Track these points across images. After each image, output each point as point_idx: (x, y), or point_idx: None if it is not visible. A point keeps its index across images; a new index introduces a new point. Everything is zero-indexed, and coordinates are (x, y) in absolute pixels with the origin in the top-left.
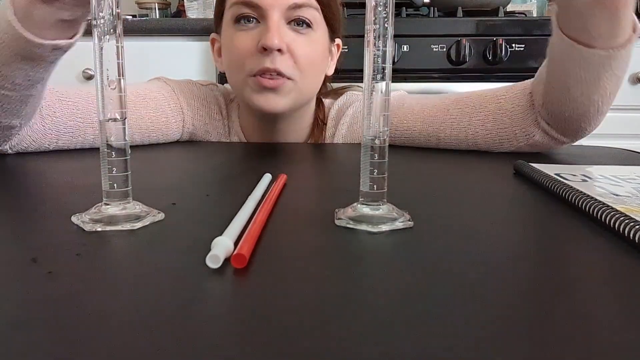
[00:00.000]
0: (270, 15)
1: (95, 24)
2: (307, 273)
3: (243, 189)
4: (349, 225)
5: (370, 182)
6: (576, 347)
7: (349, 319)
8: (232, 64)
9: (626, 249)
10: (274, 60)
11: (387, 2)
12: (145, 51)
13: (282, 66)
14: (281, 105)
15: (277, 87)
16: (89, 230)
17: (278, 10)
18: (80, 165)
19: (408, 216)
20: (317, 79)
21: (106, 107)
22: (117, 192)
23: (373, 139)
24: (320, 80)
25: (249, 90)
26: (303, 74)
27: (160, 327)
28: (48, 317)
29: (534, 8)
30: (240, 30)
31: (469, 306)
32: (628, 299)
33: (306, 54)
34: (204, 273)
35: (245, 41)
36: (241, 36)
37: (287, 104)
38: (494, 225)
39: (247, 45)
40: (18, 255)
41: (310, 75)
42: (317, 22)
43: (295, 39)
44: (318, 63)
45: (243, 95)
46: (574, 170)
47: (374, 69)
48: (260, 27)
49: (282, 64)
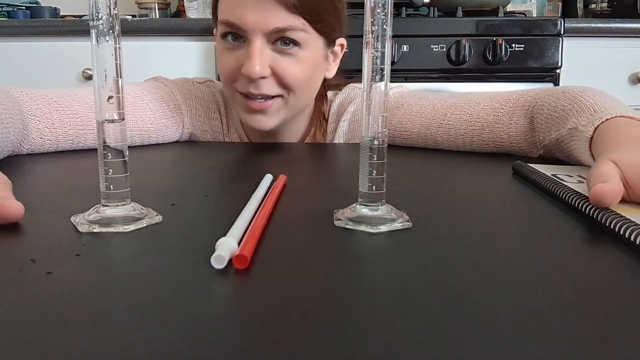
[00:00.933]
0: (252, 39)
1: (93, 25)
2: (307, 274)
3: (242, 189)
4: (348, 226)
5: (369, 183)
6: (576, 346)
7: (349, 320)
8: (223, 78)
9: (623, 249)
10: (258, 86)
11: (386, 4)
12: (145, 51)
13: (268, 90)
14: (271, 124)
15: (264, 109)
16: (85, 232)
17: (260, 34)
18: (79, 165)
19: (407, 217)
20: (309, 92)
21: (104, 108)
22: (115, 194)
23: (372, 140)
24: (314, 90)
25: (239, 106)
26: (292, 92)
27: (161, 328)
28: (48, 317)
29: (534, 8)
30: (227, 49)
31: (467, 306)
32: (628, 299)
33: (293, 74)
34: (205, 274)
35: (230, 62)
36: (227, 56)
37: (277, 121)
38: (492, 225)
39: (232, 66)
40: (17, 256)
41: (301, 90)
42: (305, 41)
43: (280, 60)
44: (308, 78)
45: (235, 108)
46: (571, 171)
47: (372, 70)
48: (245, 49)
49: (267, 88)
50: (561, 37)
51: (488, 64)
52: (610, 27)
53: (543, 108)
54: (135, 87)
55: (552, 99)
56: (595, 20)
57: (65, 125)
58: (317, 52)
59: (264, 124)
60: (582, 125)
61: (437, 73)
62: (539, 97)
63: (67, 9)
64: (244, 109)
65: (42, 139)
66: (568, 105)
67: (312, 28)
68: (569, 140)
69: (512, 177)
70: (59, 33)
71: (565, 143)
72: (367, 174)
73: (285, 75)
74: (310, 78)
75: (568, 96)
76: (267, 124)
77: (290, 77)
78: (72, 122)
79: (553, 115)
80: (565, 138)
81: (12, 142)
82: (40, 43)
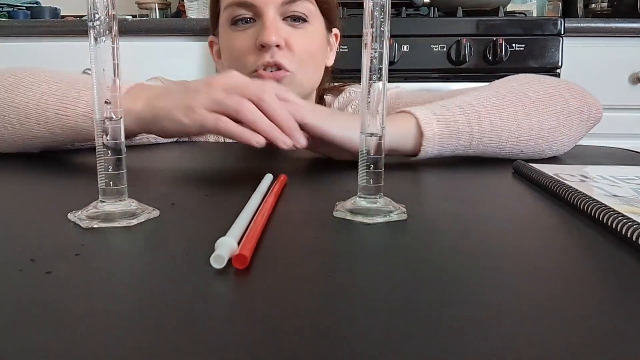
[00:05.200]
0: (265, 12)
1: (91, 25)
2: (306, 274)
3: (242, 189)
4: (346, 217)
5: (367, 177)
6: (576, 346)
7: (349, 320)
8: (232, 64)
9: (625, 248)
10: (274, 55)
11: (384, 5)
12: (145, 51)
13: (282, 60)
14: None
15: (278, 80)
16: (85, 227)
17: (273, 6)
18: (76, 163)
19: (403, 209)
20: (317, 72)
21: (102, 107)
22: (113, 190)
23: (370, 136)
24: (320, 73)
25: None
26: (302, 67)
27: (160, 328)
28: (47, 317)
29: (534, 8)
30: (237, 32)
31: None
32: (627, 299)
33: (304, 47)
34: (204, 273)
35: (243, 40)
36: (239, 36)
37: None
38: (491, 223)
39: (245, 44)
40: (17, 255)
41: (309, 67)
42: (312, 15)
43: (292, 33)
44: (317, 55)
45: None
46: (573, 170)
47: (370, 70)
48: (257, 25)
49: (281, 58)
50: (561, 37)
51: (488, 64)
52: (610, 27)
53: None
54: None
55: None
56: (596, 20)
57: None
58: (320, 30)
59: None
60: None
61: (437, 73)
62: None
63: (67, 9)
64: None
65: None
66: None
67: (316, 5)
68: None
69: (512, 176)
70: (59, 33)
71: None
72: (365, 168)
73: (297, 47)
74: (317, 56)
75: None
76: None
77: (302, 49)
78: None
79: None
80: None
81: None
82: (41, 43)
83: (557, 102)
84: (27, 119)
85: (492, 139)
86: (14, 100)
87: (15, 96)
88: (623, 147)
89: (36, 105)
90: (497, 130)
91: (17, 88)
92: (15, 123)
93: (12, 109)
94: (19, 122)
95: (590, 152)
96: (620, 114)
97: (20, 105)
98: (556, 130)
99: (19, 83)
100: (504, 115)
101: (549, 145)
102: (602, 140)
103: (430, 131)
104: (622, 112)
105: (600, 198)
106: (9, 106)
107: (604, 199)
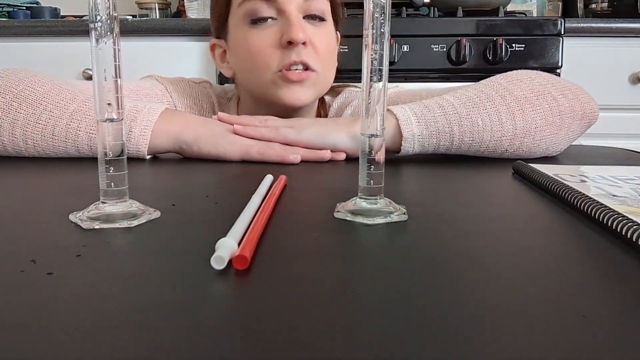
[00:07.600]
0: (288, 9)
1: (92, 26)
2: (306, 274)
3: (243, 190)
4: (347, 217)
5: (368, 178)
6: (576, 346)
7: (349, 320)
8: (250, 64)
9: (624, 248)
10: (300, 53)
11: (384, 6)
12: (145, 51)
13: (308, 58)
14: (305, 98)
15: (304, 80)
16: (86, 228)
17: (295, 4)
18: (77, 164)
19: (404, 210)
20: (333, 70)
21: (103, 108)
22: (114, 191)
23: (370, 137)
24: (334, 71)
25: (274, 87)
26: (324, 66)
27: (161, 329)
28: (48, 318)
29: (534, 8)
30: (258, 30)
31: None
32: (627, 299)
33: (325, 45)
34: (205, 274)
35: (265, 38)
36: (258, 34)
37: (312, 96)
38: (492, 224)
39: (267, 42)
40: (18, 257)
41: (329, 66)
42: (328, 14)
43: (314, 32)
44: (334, 54)
45: (265, 93)
46: (573, 170)
47: (371, 71)
48: (279, 23)
49: (307, 56)
50: (561, 37)
51: (488, 64)
52: (610, 27)
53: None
54: (128, 83)
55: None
56: (596, 20)
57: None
58: (333, 31)
59: (300, 97)
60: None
61: (438, 73)
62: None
63: (67, 9)
64: (280, 85)
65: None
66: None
67: (329, 5)
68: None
69: (512, 176)
70: (59, 33)
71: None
72: (366, 169)
73: (320, 46)
74: (334, 55)
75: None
76: (303, 96)
77: (324, 48)
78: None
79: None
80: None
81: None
82: (41, 43)
83: (545, 101)
84: (55, 136)
85: (474, 139)
86: (40, 118)
87: (41, 113)
88: (623, 147)
89: (67, 125)
90: (478, 130)
91: (43, 105)
92: (38, 139)
93: (39, 126)
94: (43, 139)
95: (590, 152)
96: (620, 114)
97: (49, 124)
98: (544, 129)
99: (44, 100)
100: (485, 115)
101: (536, 144)
102: (601, 140)
103: (409, 132)
104: (622, 112)
105: (600, 198)
106: (35, 124)
107: (604, 199)
